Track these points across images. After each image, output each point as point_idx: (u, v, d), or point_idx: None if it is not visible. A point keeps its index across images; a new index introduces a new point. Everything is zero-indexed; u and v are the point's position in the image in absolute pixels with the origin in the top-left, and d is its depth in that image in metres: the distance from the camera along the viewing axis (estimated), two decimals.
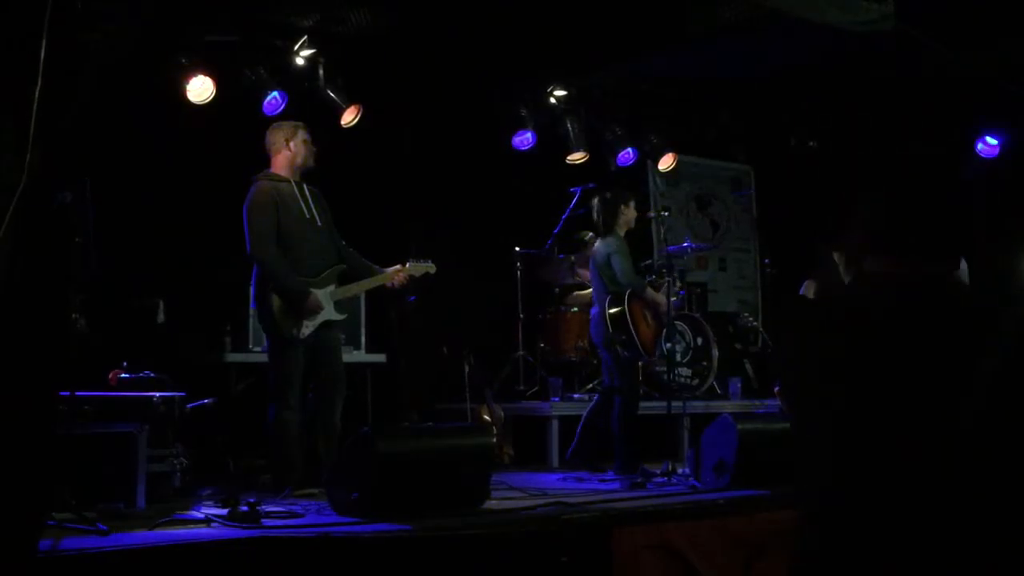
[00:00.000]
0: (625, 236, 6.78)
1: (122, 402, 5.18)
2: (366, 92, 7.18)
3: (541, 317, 8.44)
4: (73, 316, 4.57)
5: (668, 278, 7.01)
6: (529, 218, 8.39)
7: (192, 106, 6.52)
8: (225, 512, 4.49)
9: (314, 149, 5.86)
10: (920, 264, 1.92)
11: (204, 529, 4.30)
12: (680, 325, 8.54)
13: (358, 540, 4.15)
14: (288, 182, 5.80)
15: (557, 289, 8.56)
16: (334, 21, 6.78)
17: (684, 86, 8.30)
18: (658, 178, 9.50)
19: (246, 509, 4.44)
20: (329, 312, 5.74)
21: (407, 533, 4.27)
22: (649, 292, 6.78)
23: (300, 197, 5.79)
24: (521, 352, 8.39)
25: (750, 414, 7.44)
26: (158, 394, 5.37)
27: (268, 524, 4.38)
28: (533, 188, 8.29)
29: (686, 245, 8.44)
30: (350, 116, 7.07)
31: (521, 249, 8.39)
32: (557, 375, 8.10)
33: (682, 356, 8.50)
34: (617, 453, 6.62)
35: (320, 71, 6.97)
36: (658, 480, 6.08)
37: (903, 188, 1.96)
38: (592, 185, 7.85)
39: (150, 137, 6.62)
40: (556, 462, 7.39)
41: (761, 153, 10.24)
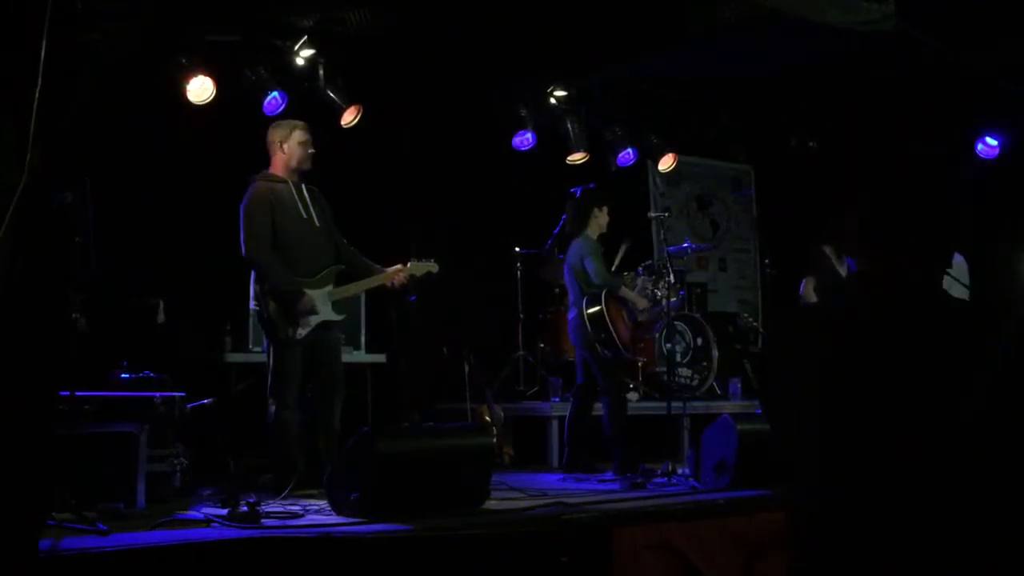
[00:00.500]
0: (598, 239, 6.88)
1: (122, 402, 5.18)
2: (366, 92, 7.18)
3: (541, 317, 8.44)
4: (73, 316, 4.57)
5: (641, 275, 7.08)
6: (529, 218, 8.39)
7: (192, 106, 6.52)
8: (225, 512, 4.49)
9: (311, 152, 5.80)
10: (912, 264, 1.92)
11: (204, 529, 4.30)
12: (680, 325, 8.54)
13: (358, 540, 4.15)
14: (286, 183, 5.79)
15: (557, 289, 8.55)
16: (334, 21, 6.77)
17: (684, 86, 8.30)
18: (658, 178, 9.50)
19: (246, 509, 4.44)
20: (326, 313, 5.73)
21: (407, 533, 4.27)
22: (624, 291, 6.87)
23: (298, 198, 5.77)
24: (521, 352, 8.39)
25: (750, 414, 7.44)
26: (158, 394, 5.37)
27: (268, 524, 4.38)
28: (533, 188, 8.29)
29: (686, 245, 8.44)
30: (350, 116, 7.07)
31: (521, 249, 8.39)
32: (557, 375, 8.09)
33: (682, 356, 8.50)
34: (614, 454, 6.62)
35: (320, 71, 6.97)
36: (658, 480, 6.08)
37: (895, 188, 1.97)
38: (592, 185, 7.86)
39: (150, 137, 6.62)
40: (556, 462, 7.39)
41: (761, 153, 10.25)
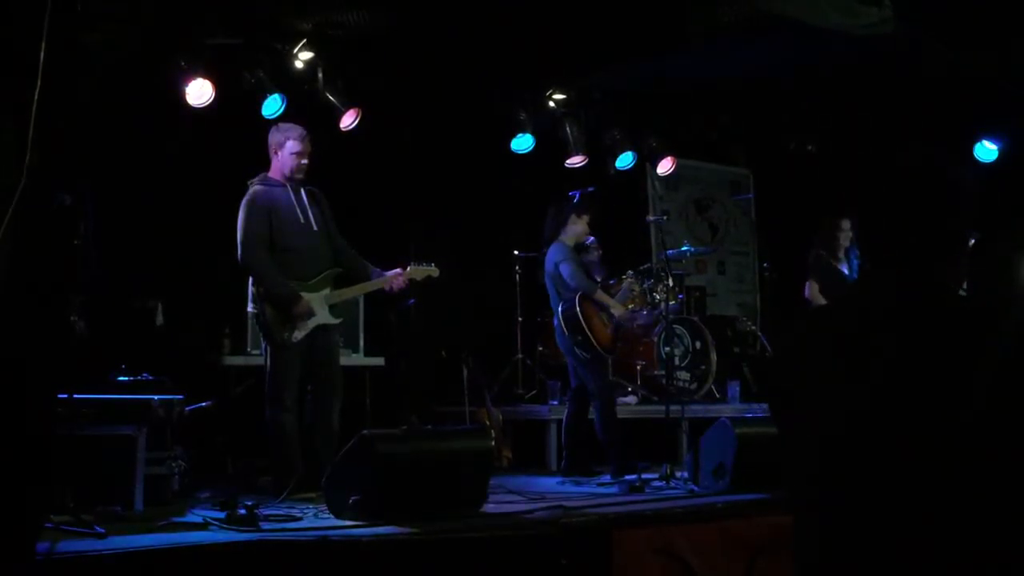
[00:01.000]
0: (574, 247, 6.94)
1: (121, 404, 5.17)
2: (366, 95, 7.17)
3: (540, 320, 8.43)
4: (72, 318, 4.57)
5: (630, 278, 7.11)
6: (528, 221, 8.39)
7: (191, 109, 6.52)
8: (223, 515, 4.49)
9: (303, 162, 5.77)
10: (913, 264, 1.93)
11: (202, 532, 4.29)
12: (679, 329, 8.54)
13: (357, 543, 4.15)
14: (283, 186, 5.78)
15: None
16: (333, 24, 6.76)
17: (683, 89, 8.29)
18: (657, 181, 9.50)
19: (244, 512, 4.44)
20: (324, 316, 5.73)
21: (406, 536, 4.27)
22: (599, 294, 6.87)
23: (296, 201, 5.77)
24: (520, 355, 8.39)
25: (748, 418, 7.44)
26: (157, 396, 5.37)
27: (266, 527, 4.38)
28: (532, 191, 8.28)
29: (685, 249, 8.44)
30: (349, 120, 7.06)
31: (520, 252, 8.38)
32: (556, 378, 8.08)
33: (680, 360, 8.49)
34: (609, 458, 6.61)
35: (319, 74, 6.96)
36: (656, 483, 6.07)
37: (893, 189, 1.97)
38: (591, 188, 7.86)
39: (150, 139, 6.62)
40: (555, 465, 7.38)
41: (760, 157, 10.25)
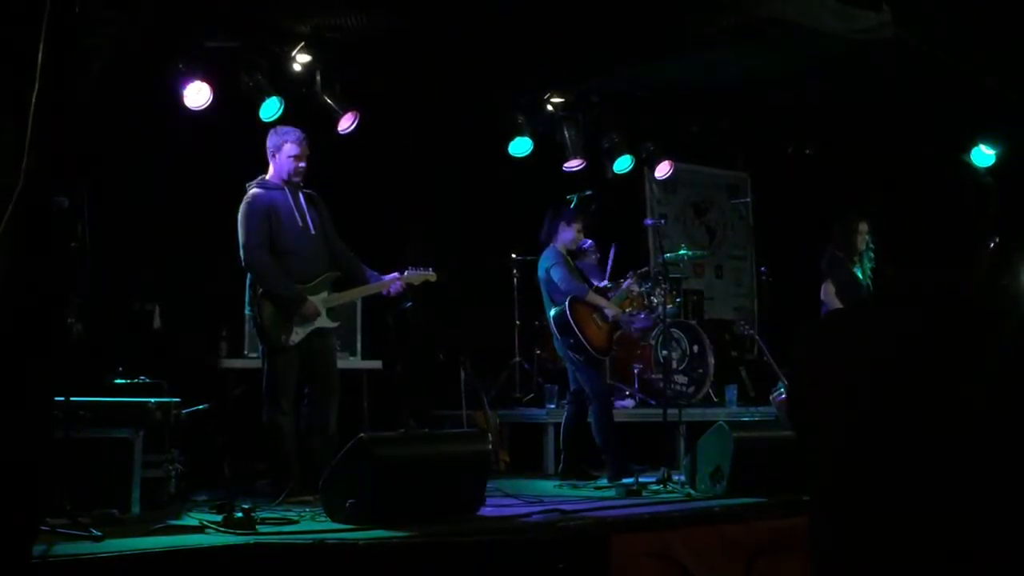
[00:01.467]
0: (567, 253, 6.92)
1: (118, 407, 5.17)
2: (363, 98, 7.18)
3: (537, 323, 8.42)
4: (69, 320, 4.56)
5: (628, 281, 7.10)
6: (526, 225, 8.39)
7: (189, 111, 6.51)
8: (220, 518, 4.48)
9: (300, 166, 5.76)
10: (931, 269, 1.93)
11: (199, 536, 4.28)
12: (676, 333, 8.54)
13: (354, 547, 4.14)
14: (281, 189, 5.78)
15: None
16: (331, 27, 6.77)
17: (682, 93, 8.30)
18: (655, 185, 9.50)
19: (241, 515, 4.43)
20: (322, 319, 5.74)
21: (403, 540, 4.26)
22: (591, 296, 6.85)
23: (294, 204, 5.77)
24: (518, 359, 8.39)
25: (746, 422, 7.44)
26: (154, 399, 5.36)
27: (263, 531, 4.37)
28: (530, 195, 8.28)
29: (682, 252, 8.44)
30: (346, 123, 7.06)
31: (518, 256, 8.38)
32: (553, 382, 8.07)
33: (678, 363, 8.50)
34: (607, 462, 6.61)
35: (317, 77, 6.96)
36: (654, 487, 6.07)
37: (910, 194, 1.98)
38: (589, 192, 7.87)
39: (148, 142, 6.62)
40: (552, 468, 7.38)
41: (758, 160, 10.26)
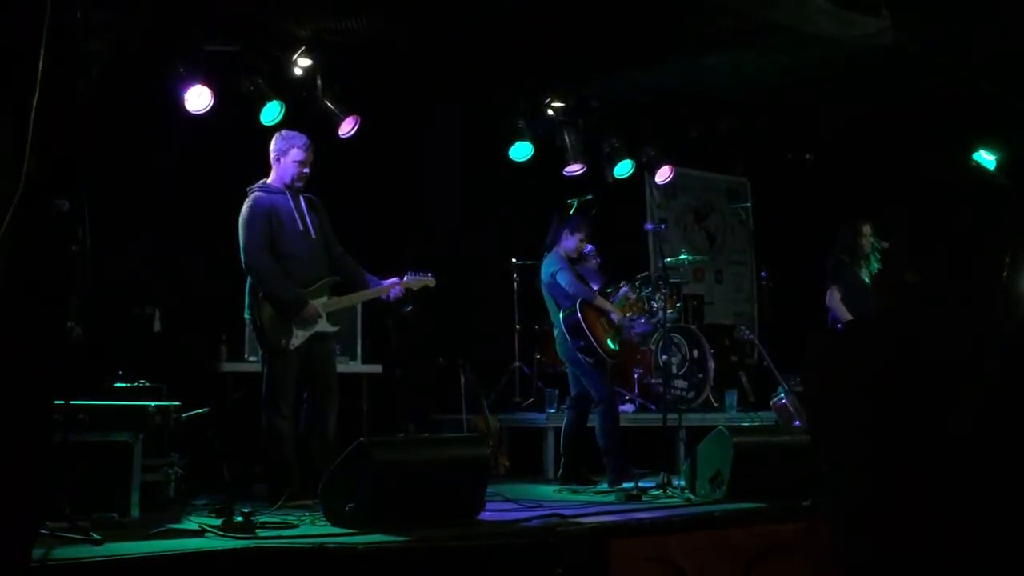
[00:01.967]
0: (567, 259, 6.89)
1: (117, 411, 5.17)
2: (364, 102, 7.18)
3: (538, 328, 8.43)
4: (69, 324, 4.56)
5: (624, 289, 7.11)
6: (526, 229, 8.40)
7: (190, 115, 6.52)
8: (219, 522, 4.48)
9: (305, 171, 5.78)
10: (947, 278, 1.95)
11: (198, 539, 4.28)
12: (676, 337, 8.54)
13: (353, 551, 4.13)
14: (283, 193, 5.79)
15: None
16: (332, 31, 6.78)
17: (682, 98, 8.31)
18: (655, 190, 9.51)
19: (240, 519, 4.43)
20: (322, 323, 5.74)
21: (402, 544, 4.26)
22: (599, 300, 6.85)
23: (295, 209, 5.77)
24: (517, 363, 8.38)
25: (746, 426, 7.44)
26: (154, 403, 5.37)
27: (262, 534, 4.37)
28: (530, 199, 8.29)
29: (683, 257, 8.44)
30: (347, 128, 7.07)
31: (518, 260, 8.38)
32: (553, 386, 8.08)
33: (678, 368, 8.49)
34: (608, 466, 6.60)
35: (318, 80, 6.97)
36: (653, 492, 6.07)
37: (927, 207, 1.99)
38: (589, 196, 7.88)
39: (148, 146, 6.62)
40: (552, 473, 7.37)
41: (758, 165, 10.26)
